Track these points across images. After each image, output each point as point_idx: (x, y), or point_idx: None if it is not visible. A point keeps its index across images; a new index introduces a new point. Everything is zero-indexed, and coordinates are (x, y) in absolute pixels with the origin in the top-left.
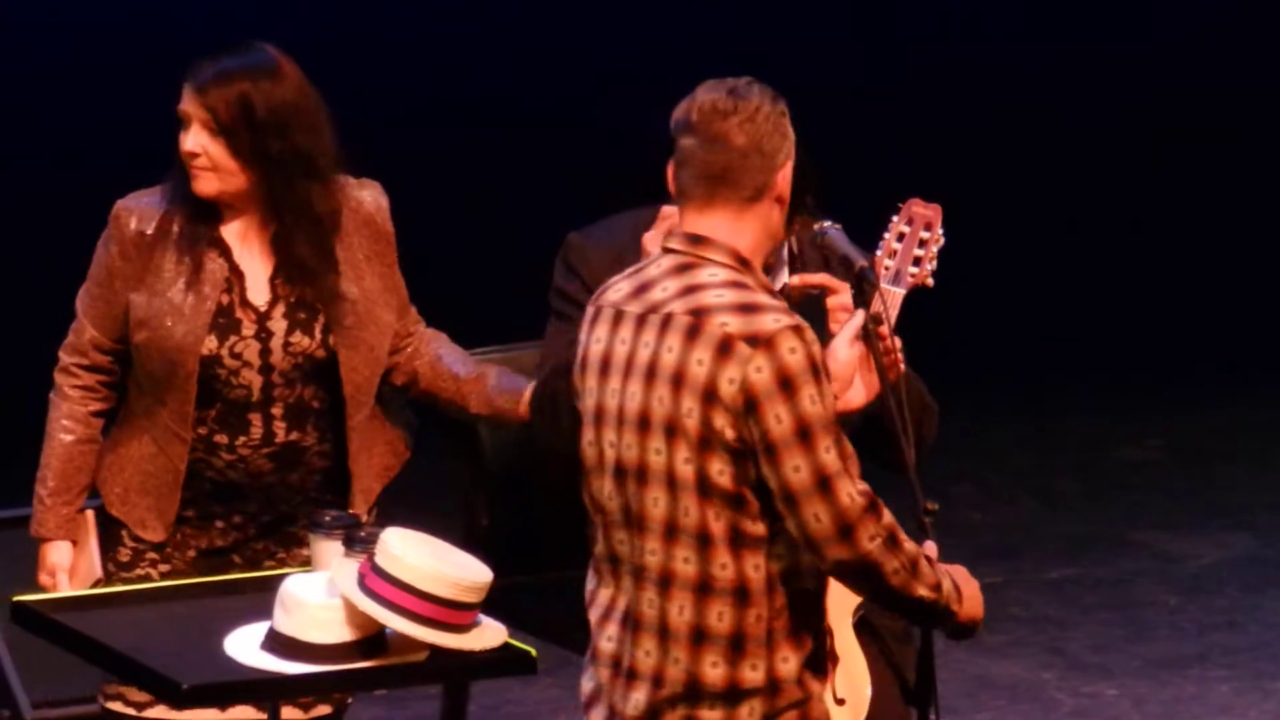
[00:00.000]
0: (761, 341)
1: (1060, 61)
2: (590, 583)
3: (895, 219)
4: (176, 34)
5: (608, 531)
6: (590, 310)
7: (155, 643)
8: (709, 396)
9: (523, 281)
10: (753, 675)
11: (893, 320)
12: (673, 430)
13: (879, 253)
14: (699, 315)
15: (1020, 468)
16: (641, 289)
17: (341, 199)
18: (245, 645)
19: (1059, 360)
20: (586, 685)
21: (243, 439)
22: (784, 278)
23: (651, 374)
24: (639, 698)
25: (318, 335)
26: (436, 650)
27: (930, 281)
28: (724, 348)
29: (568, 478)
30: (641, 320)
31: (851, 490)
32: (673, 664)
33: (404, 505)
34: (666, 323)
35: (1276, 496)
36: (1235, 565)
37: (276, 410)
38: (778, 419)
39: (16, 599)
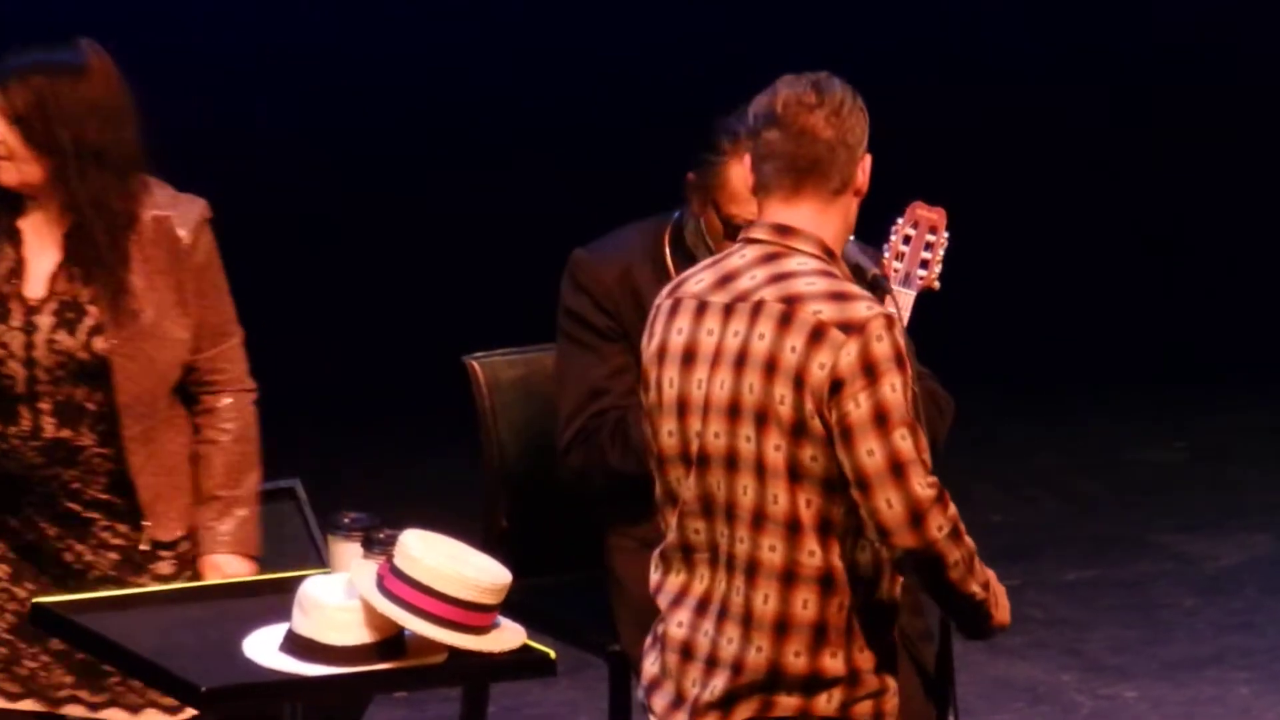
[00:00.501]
0: (854, 328)
1: (1065, 60)
2: (656, 572)
3: (900, 221)
4: (178, 34)
5: (682, 520)
6: (668, 303)
7: (174, 645)
8: (799, 382)
9: (526, 283)
10: (833, 664)
11: (905, 322)
12: (764, 417)
13: (886, 254)
14: (791, 303)
15: (1042, 468)
16: (726, 279)
17: (142, 202)
18: (264, 647)
19: (1083, 361)
20: (650, 669)
21: (13, 429)
22: None
23: (741, 362)
24: (717, 684)
25: (82, 337)
26: (455, 652)
27: (937, 285)
28: (817, 334)
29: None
30: (729, 309)
31: (924, 479)
32: (755, 652)
33: (422, 507)
34: (757, 310)
35: None
36: (1254, 567)
37: (44, 405)
38: (856, 403)
39: (35, 600)
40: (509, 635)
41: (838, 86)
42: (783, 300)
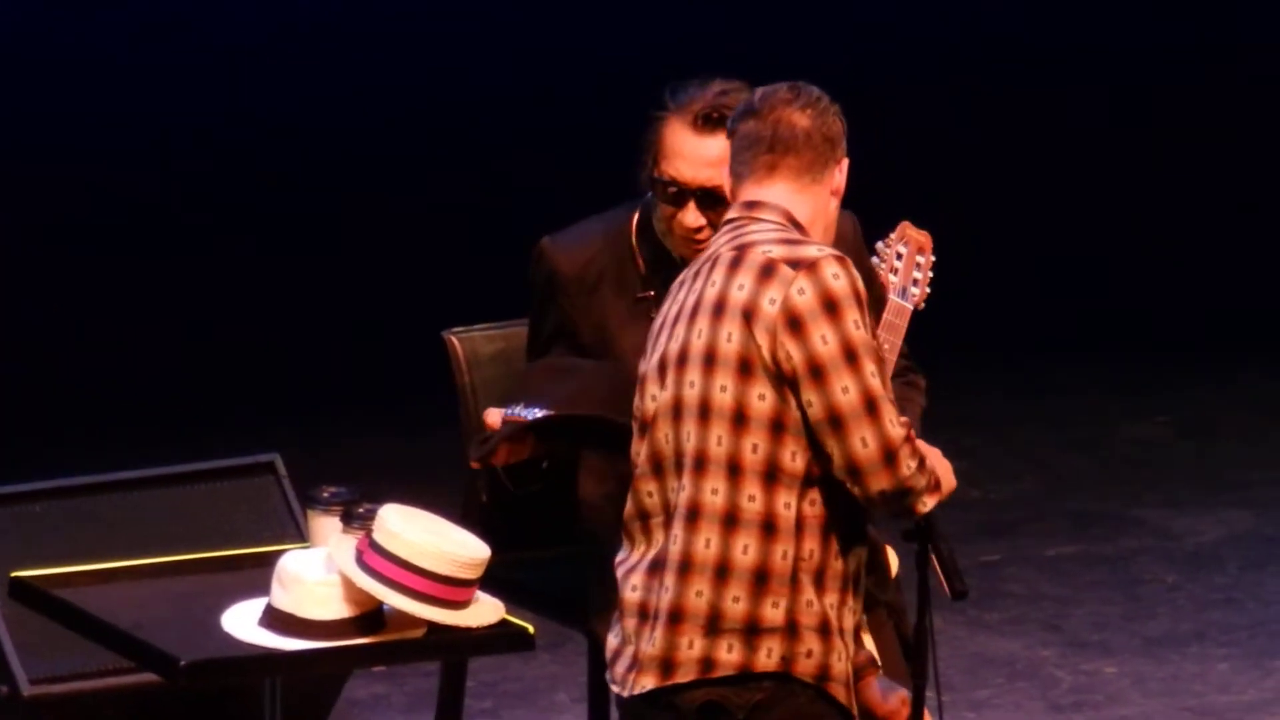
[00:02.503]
0: (804, 265)
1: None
2: (621, 552)
3: (891, 237)
4: (181, 36)
5: (635, 487)
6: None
7: (153, 619)
8: (747, 316)
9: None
10: (773, 614)
11: (903, 333)
12: (710, 359)
13: (881, 265)
14: (743, 249)
15: (1024, 444)
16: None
17: None
18: (243, 621)
19: (1066, 336)
20: (611, 641)
21: None
22: None
23: (695, 312)
24: (657, 634)
25: None
26: (434, 627)
27: (923, 305)
28: (766, 271)
29: (566, 455)
30: (695, 274)
31: (895, 416)
32: (694, 595)
33: (402, 481)
34: (713, 264)
35: (1277, 475)
36: (1236, 543)
37: None
38: (824, 339)
39: (14, 574)
40: (488, 610)
41: (815, 89)
42: (734, 249)
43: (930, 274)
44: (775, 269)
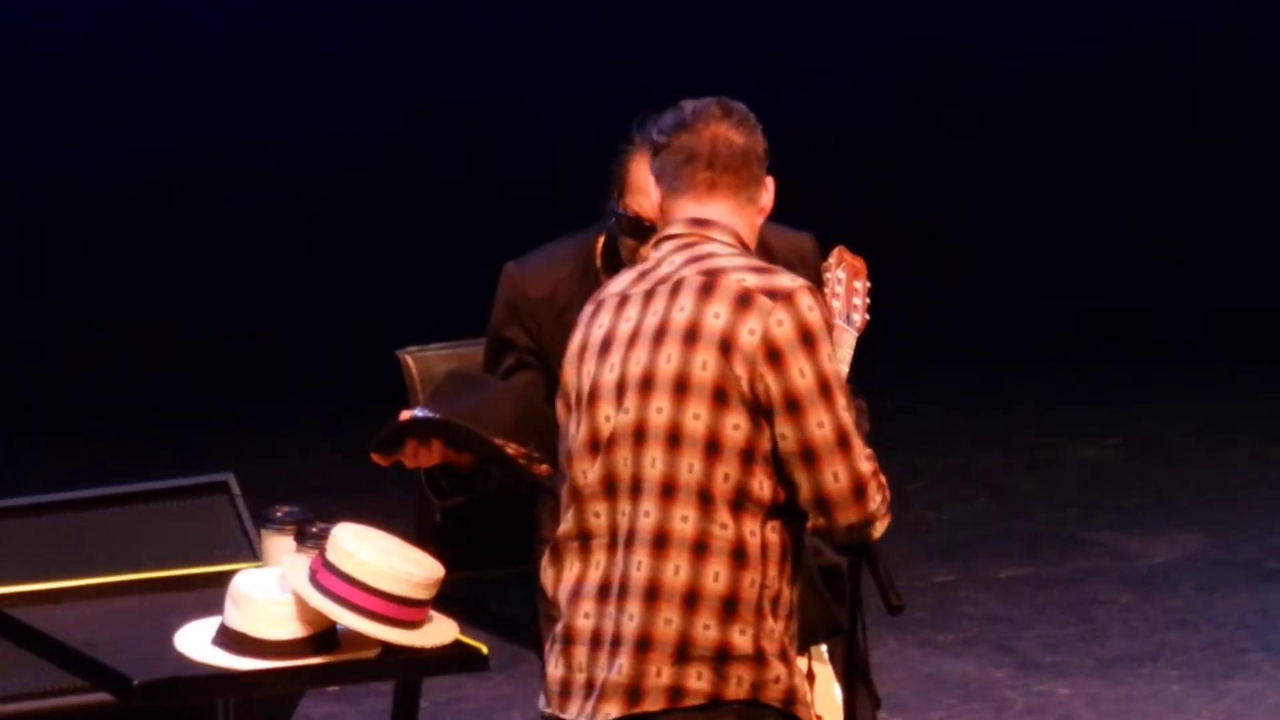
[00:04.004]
0: (781, 295)
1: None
2: (549, 570)
3: (829, 262)
4: (184, 35)
5: (582, 506)
6: (590, 308)
7: (106, 638)
8: (725, 346)
9: None
10: (741, 641)
11: (849, 360)
12: (683, 386)
13: (823, 290)
14: (713, 275)
15: (976, 465)
16: (645, 273)
17: None
18: (196, 641)
19: (1017, 358)
20: (555, 672)
21: None
22: None
23: (660, 336)
24: (623, 662)
25: None
26: (388, 647)
27: (863, 329)
28: (743, 299)
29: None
30: (650, 294)
31: (863, 449)
32: (663, 624)
33: (355, 501)
34: (677, 287)
35: (1231, 495)
36: (1189, 564)
37: None
38: (801, 373)
39: None
40: (442, 630)
41: (742, 105)
42: (703, 274)
43: (868, 299)
44: (753, 299)
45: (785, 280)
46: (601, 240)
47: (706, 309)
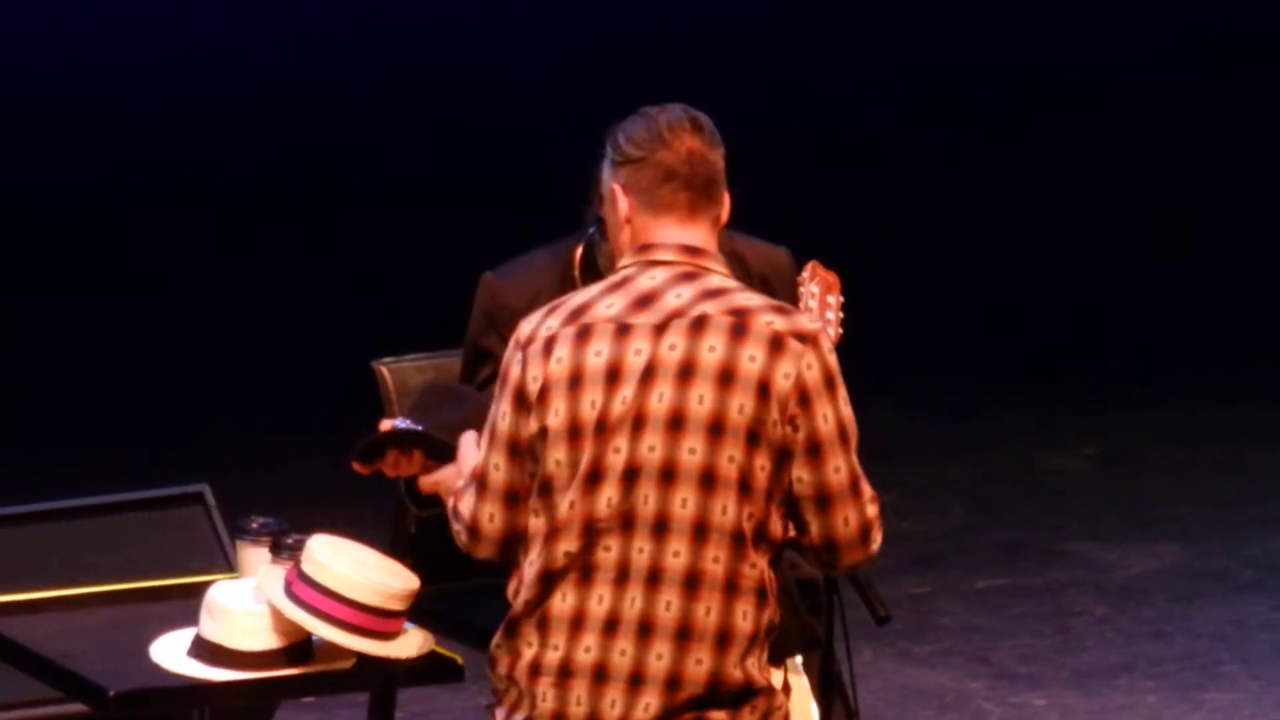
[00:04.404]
0: (808, 339)
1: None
2: (525, 596)
3: (803, 276)
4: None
5: (593, 540)
6: (571, 329)
7: (82, 649)
8: (764, 391)
9: None
10: (760, 676)
11: None
12: (719, 428)
13: (800, 304)
14: (741, 315)
15: (951, 476)
16: (644, 300)
17: None
18: (172, 652)
19: (992, 368)
20: (545, 705)
21: None
22: None
23: (688, 373)
24: (651, 702)
25: None
26: (363, 658)
27: (835, 343)
28: (776, 344)
29: None
30: (662, 328)
31: (870, 492)
32: (694, 664)
33: (330, 512)
34: (701, 324)
35: (1206, 507)
36: (1164, 576)
37: None
38: (824, 418)
39: None
40: (416, 641)
41: (705, 117)
42: (731, 313)
43: (841, 314)
44: (784, 342)
45: (806, 322)
46: (580, 249)
47: (741, 351)
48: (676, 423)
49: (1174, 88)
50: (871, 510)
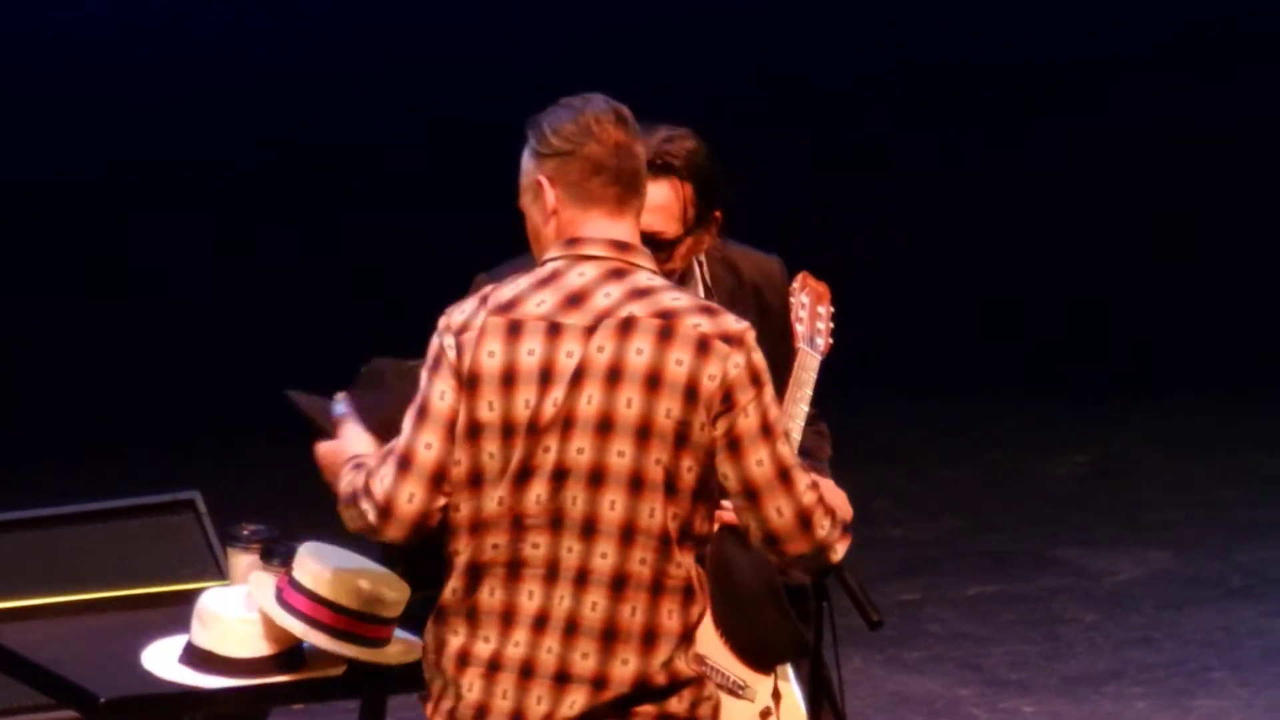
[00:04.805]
0: (734, 340)
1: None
2: (455, 587)
3: (794, 286)
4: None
5: (518, 536)
6: (502, 322)
7: (73, 656)
8: (691, 393)
9: None
10: (686, 670)
11: (812, 384)
12: (646, 431)
13: (791, 314)
14: (669, 317)
15: (942, 483)
16: (574, 299)
17: None
18: (163, 659)
19: (984, 376)
20: (471, 696)
21: None
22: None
23: (616, 377)
24: (576, 699)
25: None
26: (353, 664)
27: (827, 353)
28: (702, 346)
29: None
30: (591, 330)
31: (805, 480)
32: (620, 664)
33: (321, 519)
34: (628, 326)
35: (1195, 514)
36: (1153, 582)
37: None
38: (746, 414)
39: None
40: (407, 647)
41: (625, 108)
42: (658, 315)
43: (831, 324)
44: (710, 344)
45: (733, 322)
46: None
47: (668, 355)
48: (605, 426)
49: (1174, 88)
50: (809, 498)
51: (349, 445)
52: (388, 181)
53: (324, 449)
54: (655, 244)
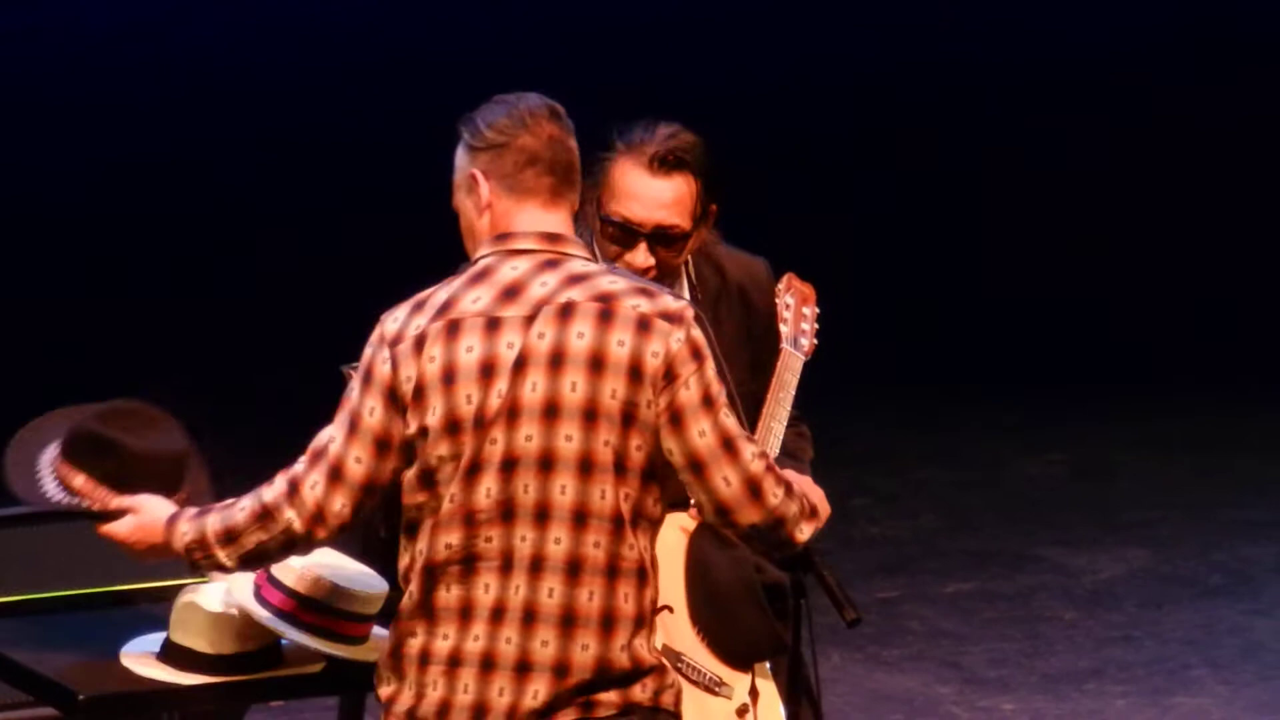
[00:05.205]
0: (675, 318)
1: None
2: (412, 591)
3: (779, 288)
4: (182, 36)
5: (471, 531)
6: (439, 325)
7: (51, 653)
8: (635, 373)
9: None
10: (648, 656)
11: (794, 384)
12: (592, 414)
13: (776, 315)
14: (608, 300)
15: (922, 481)
16: (510, 292)
17: None
18: (141, 656)
19: (963, 374)
20: (434, 694)
21: None
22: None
23: (558, 362)
24: (539, 689)
25: None
26: (332, 661)
27: (811, 354)
28: (643, 325)
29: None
30: (530, 319)
31: (753, 449)
32: (580, 650)
33: None
34: (568, 311)
35: (1175, 512)
36: (1133, 580)
37: None
38: (687, 386)
39: None
40: (386, 645)
41: (559, 105)
42: (597, 299)
43: (816, 325)
44: (651, 323)
45: (672, 301)
46: None
47: (610, 336)
48: (551, 411)
49: (1174, 88)
50: (756, 465)
51: (157, 510)
52: (388, 182)
53: (133, 525)
54: (669, 238)
